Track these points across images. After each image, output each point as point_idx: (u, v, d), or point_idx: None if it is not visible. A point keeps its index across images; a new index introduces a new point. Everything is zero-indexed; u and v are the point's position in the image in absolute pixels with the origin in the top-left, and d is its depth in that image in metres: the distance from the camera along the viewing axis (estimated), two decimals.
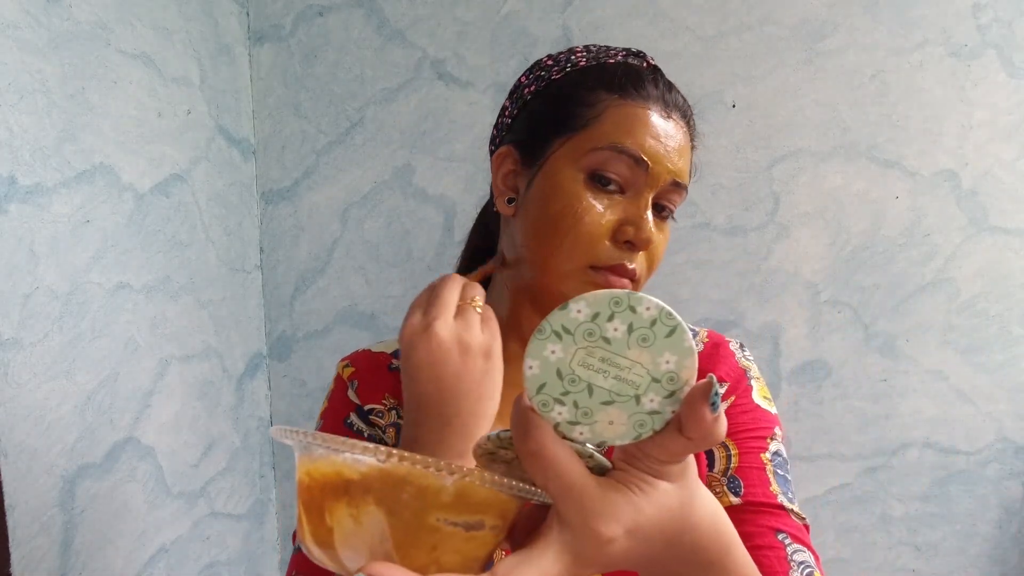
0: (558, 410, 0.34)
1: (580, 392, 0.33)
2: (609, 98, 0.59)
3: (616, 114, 0.58)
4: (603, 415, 0.34)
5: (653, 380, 0.33)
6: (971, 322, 1.12)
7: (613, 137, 0.57)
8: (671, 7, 1.13)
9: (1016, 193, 1.09)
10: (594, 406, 0.34)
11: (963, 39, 1.08)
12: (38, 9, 0.80)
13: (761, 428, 0.63)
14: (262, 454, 1.28)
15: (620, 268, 0.57)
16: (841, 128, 1.12)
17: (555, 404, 0.34)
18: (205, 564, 1.13)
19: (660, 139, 0.57)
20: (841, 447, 1.17)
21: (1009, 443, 1.13)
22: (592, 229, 0.57)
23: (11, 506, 0.77)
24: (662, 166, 0.57)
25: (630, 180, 0.57)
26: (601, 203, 0.57)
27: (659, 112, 0.59)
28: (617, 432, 0.34)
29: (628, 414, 0.34)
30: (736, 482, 0.60)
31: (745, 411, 0.64)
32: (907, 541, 1.17)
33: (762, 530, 0.57)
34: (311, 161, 1.23)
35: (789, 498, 0.60)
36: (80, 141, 0.86)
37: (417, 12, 1.18)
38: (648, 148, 0.57)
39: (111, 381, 0.92)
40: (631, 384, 0.33)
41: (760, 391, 0.67)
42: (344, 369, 0.69)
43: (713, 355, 0.67)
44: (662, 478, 0.35)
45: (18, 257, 0.78)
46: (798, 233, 1.14)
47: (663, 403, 0.33)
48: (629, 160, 0.57)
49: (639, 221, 0.57)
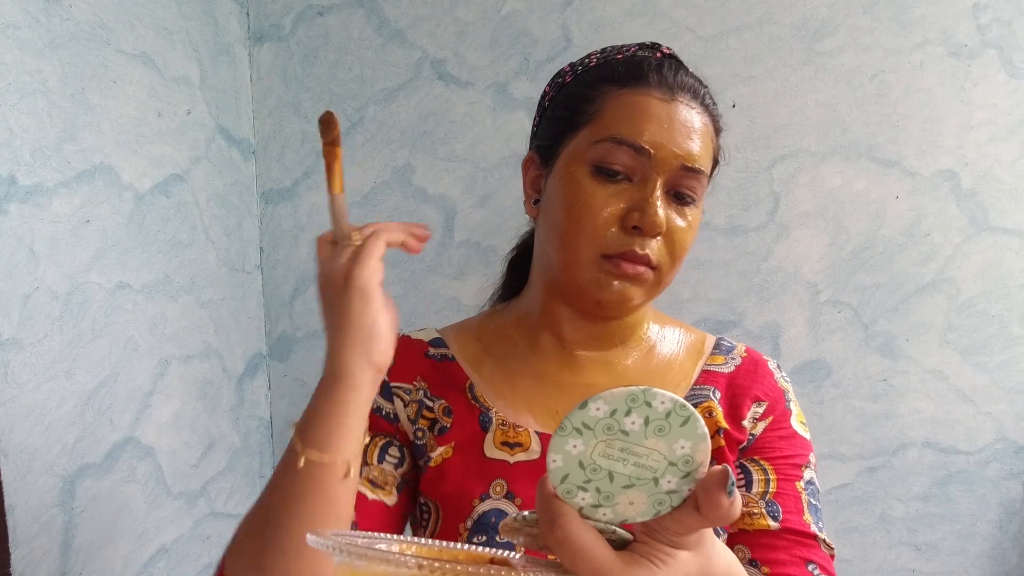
0: (581, 496, 0.36)
1: (601, 479, 0.36)
2: (609, 90, 0.60)
3: (615, 105, 0.59)
4: (624, 497, 0.36)
5: (670, 464, 0.35)
6: (971, 322, 1.12)
7: (612, 129, 0.58)
8: (671, 7, 1.13)
9: (1016, 193, 1.09)
10: (615, 490, 0.36)
11: (963, 39, 1.08)
12: (38, 9, 0.80)
13: (798, 455, 0.65)
14: (262, 454, 1.28)
15: (630, 254, 0.58)
16: (841, 128, 1.12)
17: (578, 491, 0.36)
18: (205, 564, 1.13)
19: (663, 124, 0.57)
20: (841, 447, 1.17)
21: (1009, 443, 1.13)
22: (599, 218, 0.58)
23: (11, 506, 0.77)
24: (666, 151, 0.57)
25: (635, 168, 0.58)
26: (608, 192, 0.58)
27: (661, 96, 0.59)
28: (638, 511, 0.36)
29: (648, 495, 0.36)
30: (775, 507, 0.61)
31: (783, 437, 0.65)
32: (907, 541, 1.17)
33: (795, 559, 0.59)
34: (311, 161, 1.23)
35: (820, 527, 0.62)
36: (80, 141, 0.86)
37: (417, 12, 1.18)
38: (648, 135, 0.57)
39: (111, 381, 0.92)
40: (649, 469, 0.35)
41: (798, 416, 0.68)
42: None
43: (752, 372, 0.68)
44: (681, 548, 0.37)
45: (18, 257, 0.78)
46: (798, 233, 1.14)
47: (680, 483, 0.35)
48: (629, 150, 0.57)
49: (644, 206, 0.57)
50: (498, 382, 0.67)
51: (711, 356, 0.70)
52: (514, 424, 0.64)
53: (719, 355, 0.70)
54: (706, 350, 0.71)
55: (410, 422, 0.66)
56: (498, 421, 0.64)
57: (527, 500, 0.61)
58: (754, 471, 0.63)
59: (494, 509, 0.60)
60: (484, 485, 0.61)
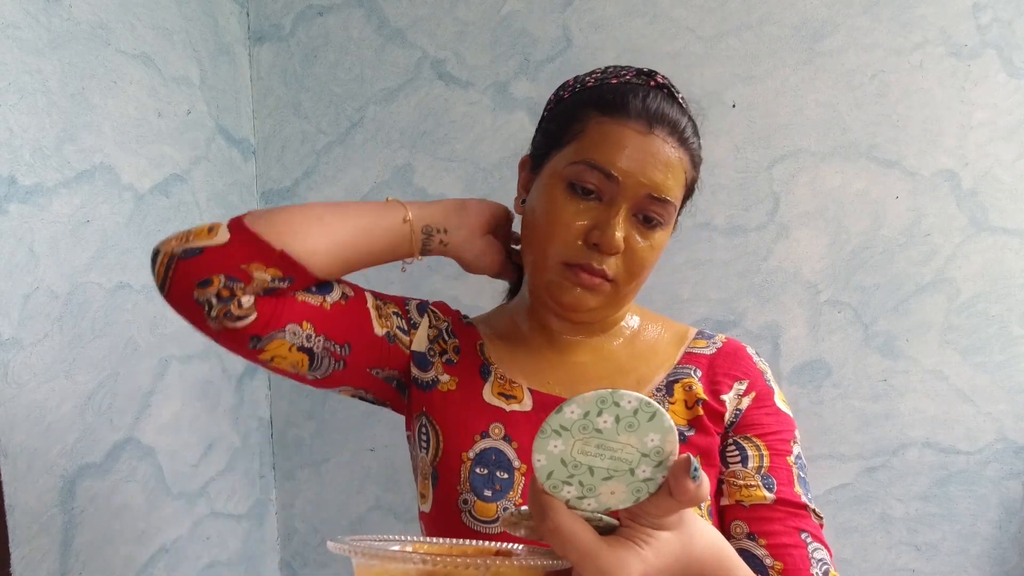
0: (567, 490, 0.40)
1: (583, 473, 0.40)
2: (594, 115, 0.66)
3: (596, 131, 0.65)
4: (605, 488, 0.40)
5: (643, 455, 0.39)
6: (971, 322, 1.12)
7: (589, 153, 0.64)
8: (671, 7, 1.13)
9: (1016, 193, 1.09)
10: (596, 482, 0.40)
11: (963, 39, 1.08)
12: (38, 9, 0.80)
13: (785, 431, 0.70)
14: (262, 454, 1.28)
15: (587, 267, 0.64)
16: (841, 128, 1.11)
17: (564, 485, 0.40)
18: (205, 564, 1.13)
19: (635, 155, 0.63)
20: (841, 447, 1.17)
21: (1009, 443, 1.13)
22: (565, 230, 0.64)
23: (11, 506, 0.77)
24: (634, 180, 0.63)
25: (604, 190, 0.64)
26: (577, 208, 0.64)
27: (639, 128, 0.64)
28: (619, 499, 0.40)
29: (626, 484, 0.40)
30: (770, 479, 0.66)
31: (770, 414, 0.70)
32: (907, 541, 1.17)
33: (789, 529, 0.63)
34: (311, 161, 1.23)
35: (809, 498, 0.67)
36: (80, 141, 0.86)
37: (417, 12, 1.18)
38: (619, 164, 0.63)
39: (111, 381, 0.92)
40: (625, 461, 0.39)
41: (779, 395, 0.73)
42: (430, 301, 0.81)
43: (732, 354, 0.74)
44: (662, 528, 0.41)
45: (18, 257, 0.78)
46: (798, 233, 1.14)
47: (654, 471, 0.40)
48: (600, 175, 0.63)
49: (604, 226, 0.63)
50: (502, 352, 0.75)
51: (693, 341, 0.75)
52: (510, 380, 0.71)
53: (701, 339, 0.76)
54: (689, 337, 0.76)
55: (428, 340, 0.74)
56: (497, 375, 0.72)
57: (522, 445, 0.67)
58: (748, 448, 0.68)
59: (494, 448, 0.67)
60: (484, 424, 0.68)
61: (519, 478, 0.65)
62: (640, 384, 0.70)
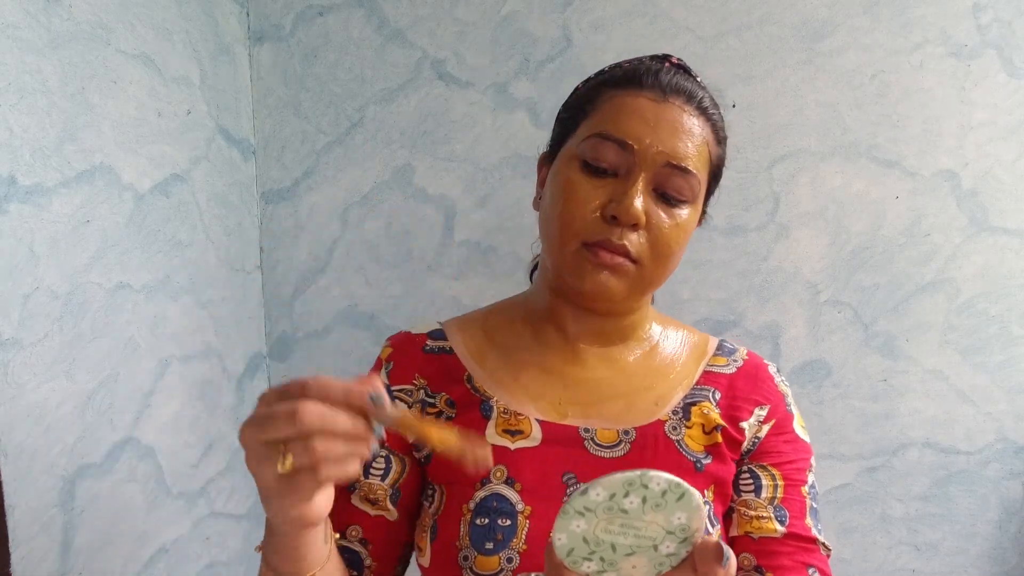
0: (587, 565, 0.39)
1: (605, 550, 0.39)
2: (605, 91, 0.63)
3: (608, 105, 0.62)
4: (627, 563, 0.39)
5: (668, 532, 0.38)
6: (971, 322, 1.12)
7: (601, 125, 0.61)
8: (671, 7, 1.13)
9: (1016, 193, 1.09)
10: (618, 558, 0.39)
11: (963, 39, 1.08)
12: (38, 9, 0.80)
13: (801, 460, 0.67)
14: None
15: (607, 243, 0.59)
16: (841, 128, 1.12)
17: (584, 561, 0.39)
18: (205, 564, 1.13)
19: (649, 121, 0.59)
20: (841, 447, 1.17)
21: (1009, 443, 1.13)
22: (580, 207, 0.60)
23: (11, 506, 0.77)
24: (652, 148, 0.59)
25: (620, 164, 0.60)
26: (593, 185, 0.60)
27: (652, 97, 0.60)
28: (639, 573, 0.39)
29: (648, 559, 0.39)
30: (782, 512, 0.64)
31: (788, 441, 0.68)
32: (907, 541, 1.17)
33: (796, 564, 0.61)
34: (311, 161, 1.23)
35: (819, 529, 0.65)
36: (80, 141, 0.86)
37: (417, 12, 1.18)
38: (633, 131, 0.59)
39: (111, 381, 0.92)
40: (649, 538, 0.38)
41: (799, 420, 0.70)
42: (385, 350, 0.73)
43: (753, 376, 0.70)
44: None
45: (18, 257, 0.78)
46: (798, 233, 1.14)
47: (679, 547, 0.38)
48: (614, 145, 0.59)
49: (621, 197, 0.59)
50: (501, 372, 0.68)
51: (713, 357, 0.72)
52: (515, 412, 0.66)
53: (721, 356, 0.72)
54: (709, 351, 0.72)
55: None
56: (499, 409, 0.66)
57: (526, 485, 0.62)
58: (763, 476, 0.65)
59: (495, 494, 0.62)
60: (485, 470, 0.63)
61: (522, 522, 0.61)
62: (659, 404, 0.66)
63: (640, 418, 0.66)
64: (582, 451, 0.64)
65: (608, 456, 0.64)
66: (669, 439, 0.64)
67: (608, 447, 0.64)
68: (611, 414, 0.66)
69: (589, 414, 0.66)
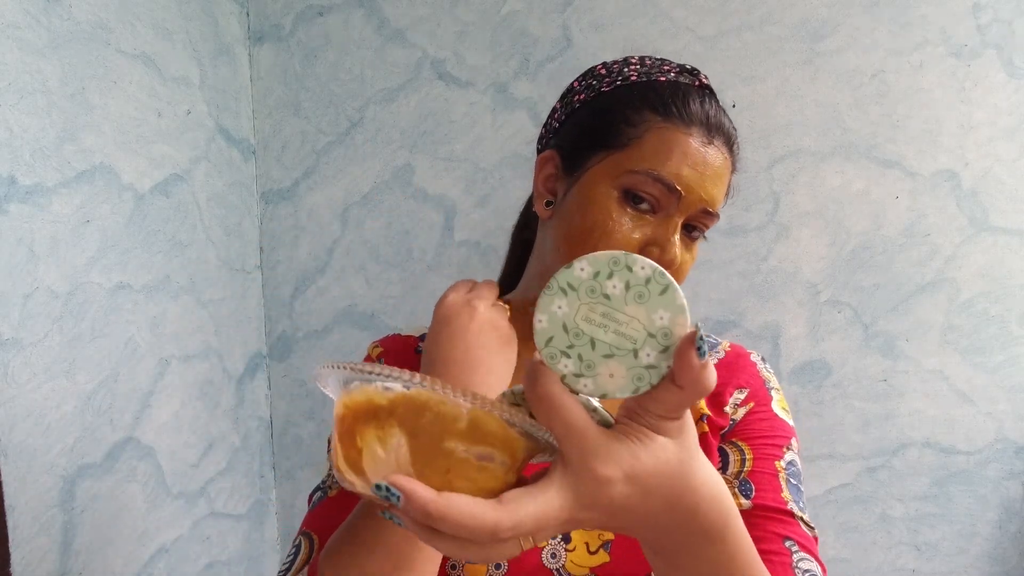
0: (564, 363, 0.37)
1: (584, 346, 0.37)
2: (653, 119, 0.60)
3: (657, 137, 0.60)
4: (604, 368, 0.37)
5: (649, 335, 0.36)
6: (971, 322, 1.12)
7: (651, 162, 0.59)
8: (671, 7, 1.13)
9: (1016, 193, 1.09)
10: (596, 359, 0.37)
11: (963, 39, 1.08)
12: (38, 9, 0.80)
13: (778, 436, 0.65)
14: (262, 454, 1.28)
15: None
16: (841, 128, 1.11)
17: (561, 357, 0.37)
18: (205, 564, 1.13)
19: (697, 167, 0.59)
20: (841, 447, 1.17)
21: (1009, 443, 1.13)
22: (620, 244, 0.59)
23: (11, 506, 0.77)
24: (695, 195, 0.59)
25: (662, 203, 0.59)
26: (632, 220, 0.59)
27: (701, 138, 0.60)
28: (617, 385, 0.37)
29: (627, 367, 0.37)
30: (748, 485, 0.61)
31: (763, 419, 0.66)
32: (907, 541, 1.17)
33: (769, 535, 0.58)
34: (311, 161, 1.23)
35: (800, 507, 0.61)
36: (80, 141, 0.86)
37: (417, 12, 1.18)
38: (684, 176, 0.59)
39: (111, 381, 0.92)
40: (629, 339, 0.36)
41: (780, 402, 0.69)
42: (373, 350, 0.72)
43: (734, 364, 0.69)
44: (660, 433, 0.37)
45: (18, 257, 0.78)
46: (798, 233, 1.14)
47: (659, 358, 0.36)
48: (663, 188, 0.58)
49: (665, 244, 0.59)
50: None
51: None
52: None
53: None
54: None
55: None
56: None
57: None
58: (731, 452, 0.64)
59: None
60: None
61: None
62: None
63: None
64: None
65: None
66: None
67: None
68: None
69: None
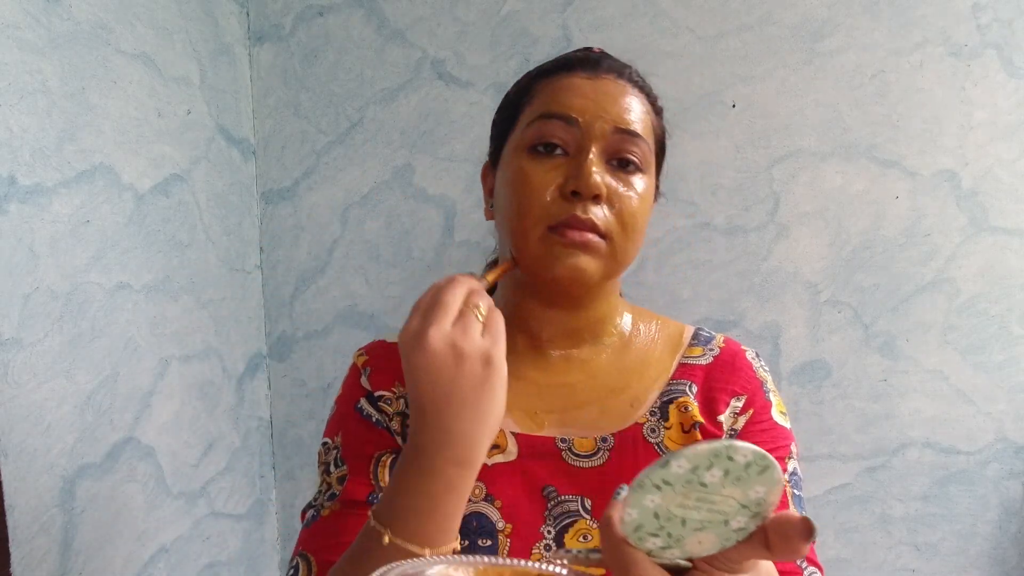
0: (652, 541, 0.37)
1: (674, 525, 0.37)
2: (539, 82, 0.64)
3: (542, 90, 0.63)
4: (693, 538, 0.37)
5: (742, 507, 0.36)
6: (971, 322, 1.12)
7: (542, 107, 0.61)
8: (671, 7, 1.13)
9: (1016, 193, 1.09)
10: (686, 533, 0.37)
11: (963, 39, 1.08)
12: (38, 9, 0.80)
13: (780, 448, 0.66)
14: (262, 454, 1.28)
15: (572, 220, 0.58)
16: (841, 128, 1.11)
17: (649, 537, 0.37)
18: (205, 564, 1.13)
19: (588, 95, 0.60)
20: (841, 447, 1.17)
21: (1009, 443, 1.13)
22: (538, 191, 0.59)
23: (11, 506, 0.77)
24: (593, 115, 0.59)
25: (569, 140, 0.60)
26: (546, 168, 0.60)
27: (586, 74, 0.62)
28: (705, 548, 0.37)
29: (716, 534, 0.37)
30: None
31: (765, 429, 0.66)
32: (907, 541, 1.17)
33: None
34: (311, 161, 1.23)
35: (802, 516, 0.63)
36: (80, 141, 0.86)
37: (417, 12, 1.18)
38: (575, 105, 0.60)
39: (111, 381, 0.92)
40: (722, 512, 0.36)
41: (778, 407, 0.69)
42: (359, 357, 0.71)
43: (730, 364, 0.68)
44: (737, 573, 0.38)
45: (18, 257, 0.78)
46: (798, 233, 1.14)
47: (749, 521, 0.36)
48: (560, 122, 0.59)
49: (578, 170, 0.58)
50: None
51: (689, 348, 0.70)
52: None
53: (697, 346, 0.70)
54: (684, 342, 0.71)
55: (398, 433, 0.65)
56: None
57: (506, 502, 0.61)
58: None
59: (474, 513, 0.60)
60: None
61: (503, 540, 0.60)
62: (635, 406, 0.65)
63: (617, 422, 0.65)
64: (560, 463, 0.63)
65: (587, 466, 0.63)
66: (648, 442, 0.63)
67: (586, 456, 0.63)
68: (587, 420, 0.65)
69: (565, 422, 0.65)
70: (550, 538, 0.61)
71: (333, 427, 0.69)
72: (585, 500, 0.62)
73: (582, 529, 0.61)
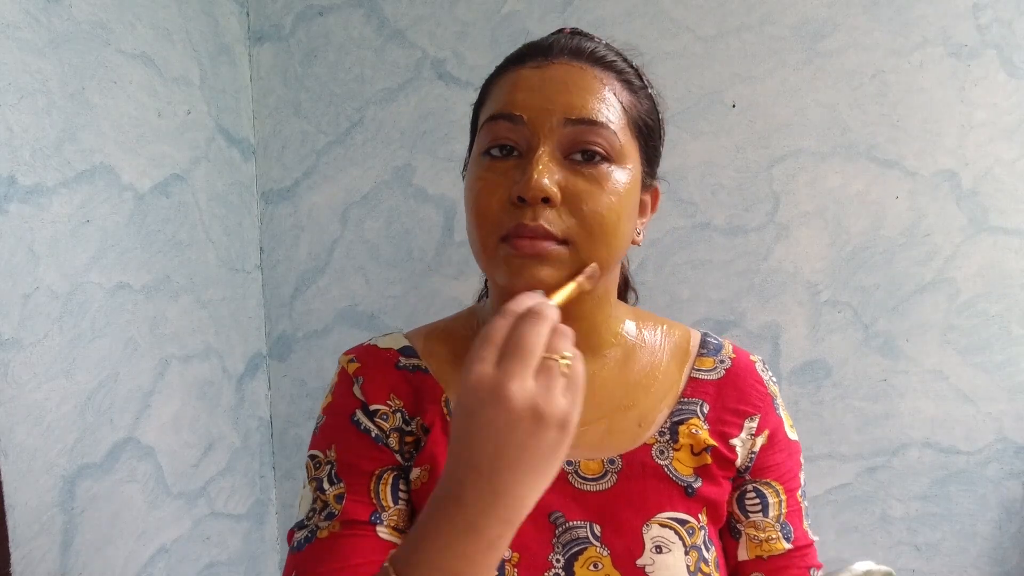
0: None
1: None
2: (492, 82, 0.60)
3: (494, 90, 0.59)
4: None
5: None
6: (971, 322, 1.12)
7: (490, 109, 0.57)
8: (671, 7, 1.13)
9: (1016, 193, 1.09)
10: None
11: (963, 39, 1.08)
12: (38, 9, 0.80)
13: (795, 466, 0.67)
14: (262, 454, 1.28)
15: (520, 228, 0.52)
16: (841, 128, 1.11)
17: None
18: (205, 564, 1.13)
19: (533, 88, 0.55)
20: (841, 447, 1.17)
21: (1009, 443, 1.13)
22: (488, 198, 0.55)
23: (11, 506, 0.77)
24: (539, 108, 0.54)
25: (519, 141, 0.55)
26: (496, 172, 0.55)
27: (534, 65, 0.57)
28: None
29: None
30: (788, 528, 0.64)
31: (781, 449, 0.66)
32: (907, 541, 1.17)
33: (802, 572, 0.63)
34: (311, 161, 1.23)
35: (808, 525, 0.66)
36: (80, 141, 0.86)
37: (417, 12, 1.18)
38: (518, 101, 0.55)
39: (111, 381, 0.92)
40: None
41: (787, 421, 0.69)
42: (349, 364, 0.65)
43: (740, 380, 0.66)
44: None
45: (18, 257, 0.78)
46: (798, 233, 1.14)
47: None
48: (505, 122, 0.55)
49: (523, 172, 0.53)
50: None
51: (698, 358, 0.67)
52: None
53: (707, 357, 0.67)
54: (692, 351, 0.68)
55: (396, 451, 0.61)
56: None
57: None
58: (769, 494, 0.64)
59: None
60: None
61: (510, 570, 0.56)
62: (643, 425, 0.62)
63: (624, 443, 0.62)
64: (566, 486, 0.60)
65: (594, 489, 0.60)
66: (657, 464, 0.61)
67: (593, 479, 0.60)
68: (593, 440, 0.62)
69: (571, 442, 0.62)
70: (559, 567, 0.57)
71: (324, 439, 0.62)
72: (594, 526, 0.59)
73: (592, 557, 0.58)
